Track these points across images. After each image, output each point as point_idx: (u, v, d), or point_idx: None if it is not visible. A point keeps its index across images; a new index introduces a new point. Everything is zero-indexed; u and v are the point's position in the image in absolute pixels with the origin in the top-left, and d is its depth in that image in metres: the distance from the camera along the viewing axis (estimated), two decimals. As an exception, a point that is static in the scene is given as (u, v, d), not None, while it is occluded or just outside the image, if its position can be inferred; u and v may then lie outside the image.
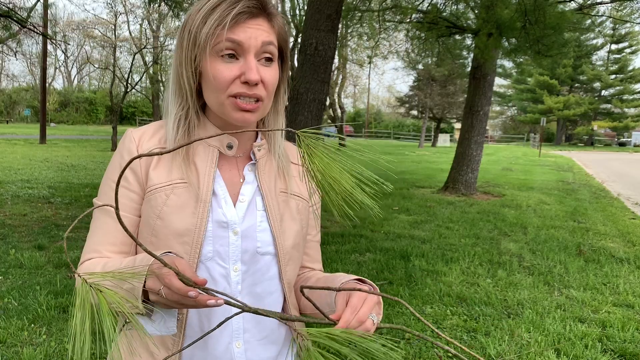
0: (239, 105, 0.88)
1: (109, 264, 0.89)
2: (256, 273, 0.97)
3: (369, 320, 0.82)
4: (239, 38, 0.87)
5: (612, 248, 5.94)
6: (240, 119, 0.90)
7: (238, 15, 0.86)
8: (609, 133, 48.61)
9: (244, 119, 0.90)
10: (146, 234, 0.94)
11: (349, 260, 5.00)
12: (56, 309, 3.50)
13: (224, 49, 0.87)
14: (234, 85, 0.88)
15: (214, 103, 0.92)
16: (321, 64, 4.68)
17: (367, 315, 0.82)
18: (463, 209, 8.32)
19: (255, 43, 0.88)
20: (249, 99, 0.89)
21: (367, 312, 0.82)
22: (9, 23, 8.67)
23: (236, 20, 0.87)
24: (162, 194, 0.92)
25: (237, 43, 0.87)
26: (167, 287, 0.74)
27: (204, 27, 0.87)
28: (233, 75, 0.87)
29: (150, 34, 31.60)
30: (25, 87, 47.56)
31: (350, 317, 0.80)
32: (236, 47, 0.87)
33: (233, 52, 0.87)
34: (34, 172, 10.84)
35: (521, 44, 8.43)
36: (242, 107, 0.89)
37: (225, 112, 0.91)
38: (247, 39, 0.87)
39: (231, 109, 0.89)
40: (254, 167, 1.00)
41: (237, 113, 0.90)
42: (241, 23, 0.87)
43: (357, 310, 0.81)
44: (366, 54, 23.51)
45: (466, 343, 3.28)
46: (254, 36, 0.87)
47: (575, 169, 18.64)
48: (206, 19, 0.87)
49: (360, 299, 0.83)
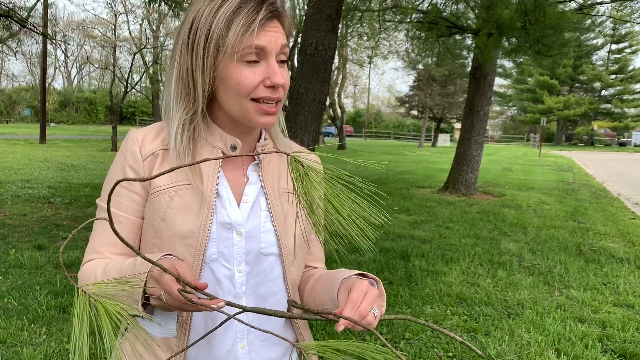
0: (264, 110, 0.89)
1: (110, 265, 0.89)
2: (260, 274, 0.96)
3: (370, 314, 0.82)
4: (262, 43, 0.86)
5: (612, 248, 5.94)
6: (265, 122, 0.91)
7: (265, 21, 0.86)
8: (609, 133, 48.61)
9: (268, 123, 0.91)
10: (150, 236, 0.93)
11: (348, 260, 5.00)
12: (56, 309, 3.50)
13: (247, 54, 0.86)
14: (259, 90, 0.88)
15: (235, 108, 0.90)
16: (321, 64, 4.68)
17: (368, 309, 0.82)
18: (463, 209, 8.32)
19: (275, 47, 0.88)
20: (272, 102, 0.89)
21: (367, 306, 0.82)
22: (9, 23, 8.67)
23: (261, 25, 0.86)
24: (166, 195, 0.92)
25: (261, 48, 0.87)
26: (167, 293, 0.74)
27: (228, 33, 0.85)
28: (258, 80, 0.87)
29: (150, 34, 31.60)
30: (25, 87, 47.57)
31: (351, 313, 0.80)
32: (259, 52, 0.87)
33: (256, 57, 0.87)
34: (34, 172, 10.84)
35: (521, 44, 8.43)
36: (266, 111, 0.89)
37: (247, 116, 0.90)
38: (269, 43, 0.87)
39: (255, 113, 0.89)
40: (257, 167, 0.99)
41: (262, 117, 0.90)
42: (263, 28, 0.87)
43: (357, 305, 0.81)
44: (366, 54, 23.53)
45: (466, 343, 3.28)
46: (274, 39, 0.88)
47: (575, 169, 18.64)
48: (229, 24, 0.85)
49: (360, 293, 0.83)
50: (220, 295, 0.93)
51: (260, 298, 0.98)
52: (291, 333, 1.06)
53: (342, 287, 0.88)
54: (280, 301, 1.01)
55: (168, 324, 0.85)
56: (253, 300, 0.97)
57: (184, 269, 0.76)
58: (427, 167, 17.12)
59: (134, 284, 0.78)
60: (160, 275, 0.75)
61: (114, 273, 0.86)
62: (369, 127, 55.41)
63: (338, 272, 0.97)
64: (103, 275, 0.88)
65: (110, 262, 0.91)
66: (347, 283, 0.88)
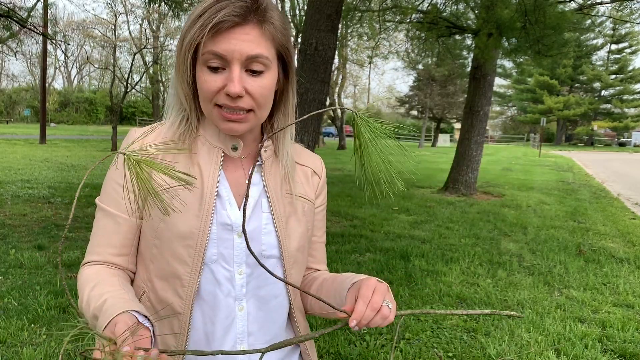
0: (224, 116, 0.87)
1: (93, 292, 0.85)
2: (261, 276, 0.96)
3: (384, 307, 0.81)
4: (220, 51, 0.82)
5: (612, 248, 5.94)
6: (226, 129, 0.89)
7: (219, 23, 0.81)
8: (609, 133, 48.61)
9: (230, 129, 0.88)
10: (150, 236, 0.93)
11: (349, 260, 5.00)
12: (56, 309, 3.50)
13: (209, 59, 0.84)
14: (219, 96, 0.86)
15: (206, 111, 0.90)
16: (321, 64, 4.68)
17: (380, 302, 0.81)
18: (463, 209, 8.32)
19: (238, 56, 0.83)
20: (232, 109, 0.86)
21: (379, 299, 0.81)
22: (9, 23, 8.67)
23: (218, 29, 0.82)
24: (166, 196, 0.91)
25: (220, 56, 0.83)
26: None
27: (187, 35, 0.84)
28: (217, 86, 0.85)
29: (150, 34, 31.61)
30: (25, 87, 47.56)
31: (363, 308, 0.79)
32: (220, 59, 0.84)
33: (218, 63, 0.84)
34: (34, 172, 10.84)
35: (521, 44, 8.43)
36: (226, 118, 0.87)
37: (214, 120, 0.90)
38: (230, 52, 0.82)
39: (218, 119, 0.88)
40: (259, 168, 0.98)
41: (223, 123, 0.88)
42: (224, 33, 0.82)
43: (369, 300, 0.80)
44: (366, 54, 23.51)
45: (466, 343, 3.28)
46: (238, 49, 0.82)
47: (575, 169, 18.63)
48: (193, 25, 0.84)
49: (369, 288, 0.82)
50: (219, 296, 0.93)
51: (262, 300, 0.97)
52: (292, 336, 1.06)
53: (350, 290, 0.87)
54: (281, 303, 1.00)
55: None
56: (254, 302, 0.96)
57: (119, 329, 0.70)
58: (427, 167, 17.12)
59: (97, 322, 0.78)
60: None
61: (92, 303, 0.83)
62: (369, 127, 55.33)
63: (344, 277, 0.96)
64: (87, 300, 0.85)
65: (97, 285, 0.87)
66: (354, 287, 0.87)
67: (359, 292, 0.82)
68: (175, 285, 0.91)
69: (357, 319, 0.78)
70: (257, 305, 0.96)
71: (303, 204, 1.02)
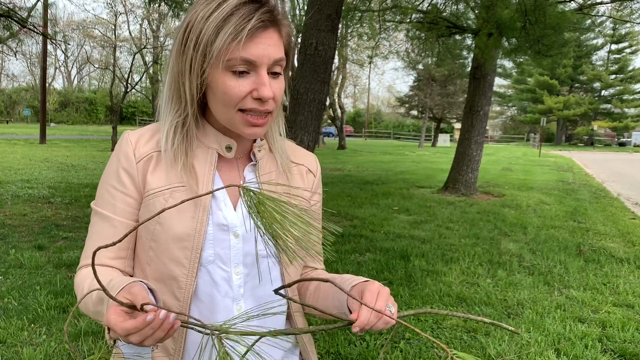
0: (250, 121, 0.88)
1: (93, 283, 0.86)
2: (258, 276, 0.96)
3: (387, 311, 0.82)
4: (252, 57, 0.84)
5: (612, 248, 5.94)
6: (251, 134, 0.90)
7: (254, 30, 0.83)
8: (609, 133, 48.61)
9: (254, 134, 0.90)
10: (146, 239, 0.93)
11: (348, 260, 5.00)
12: (56, 309, 3.50)
13: (236, 65, 0.84)
14: (246, 101, 0.86)
15: (222, 116, 0.90)
16: (321, 64, 4.68)
17: (384, 307, 0.81)
18: (463, 209, 8.32)
19: (267, 61, 0.86)
20: (259, 113, 0.87)
21: (383, 304, 0.82)
22: (9, 23, 8.67)
23: (251, 35, 0.83)
24: (161, 198, 0.91)
25: (250, 62, 0.84)
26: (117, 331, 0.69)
27: (216, 40, 0.83)
28: (245, 91, 0.85)
29: (150, 34, 31.61)
30: (25, 87, 47.55)
31: (368, 314, 0.80)
32: (248, 64, 0.85)
33: (245, 68, 0.85)
34: (34, 172, 10.83)
35: (521, 44, 8.43)
36: (253, 123, 0.88)
37: (235, 125, 0.89)
38: (260, 57, 0.84)
39: (241, 124, 0.88)
40: (254, 168, 0.99)
41: (248, 129, 0.89)
42: (254, 38, 0.84)
43: (373, 305, 0.81)
44: (366, 54, 23.50)
45: (466, 343, 3.28)
46: (267, 54, 0.85)
47: (575, 169, 18.63)
48: (218, 30, 0.83)
49: (373, 294, 0.83)
50: (217, 297, 0.93)
51: (259, 300, 0.97)
52: (292, 336, 1.06)
53: (352, 292, 0.87)
54: (279, 303, 1.01)
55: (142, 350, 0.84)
56: (251, 302, 0.96)
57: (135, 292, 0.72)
58: (427, 167, 17.12)
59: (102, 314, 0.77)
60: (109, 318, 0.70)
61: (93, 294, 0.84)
62: (369, 127, 55.41)
63: (343, 279, 0.96)
64: (89, 288, 0.86)
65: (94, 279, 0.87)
66: (358, 287, 0.87)
67: (362, 299, 0.83)
68: (172, 287, 0.91)
69: (361, 326, 0.79)
70: (254, 305, 0.96)
71: (298, 202, 1.02)
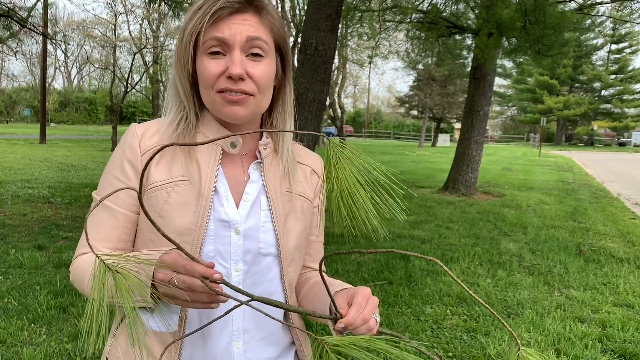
0: (226, 98, 0.88)
1: None
2: (257, 273, 0.96)
3: (372, 319, 0.82)
4: (222, 35, 0.86)
5: (612, 248, 5.94)
6: (229, 113, 0.89)
7: (219, 10, 0.86)
8: (609, 133, 48.59)
9: (233, 113, 0.89)
10: (146, 232, 0.93)
11: (349, 260, 5.00)
12: (56, 309, 3.50)
13: (210, 46, 0.87)
14: (220, 80, 0.87)
15: (207, 101, 0.91)
16: (321, 64, 4.68)
17: (372, 314, 0.82)
18: (463, 209, 8.32)
19: (240, 38, 0.87)
20: (235, 93, 0.88)
21: (371, 311, 0.82)
22: (9, 23, 8.67)
23: (218, 16, 0.86)
24: (163, 191, 0.91)
25: (222, 40, 0.87)
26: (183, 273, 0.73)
27: (187, 26, 0.88)
28: (219, 70, 0.87)
29: (150, 34, 31.62)
30: (25, 87, 47.53)
31: (356, 315, 0.80)
32: (221, 44, 0.87)
33: (219, 48, 0.87)
34: (34, 172, 10.83)
35: (521, 44, 8.43)
36: (228, 99, 0.88)
37: (216, 108, 0.90)
38: (232, 35, 0.86)
39: (220, 104, 0.89)
40: (259, 166, 0.99)
41: (225, 107, 0.89)
42: (224, 19, 0.87)
43: (362, 309, 0.81)
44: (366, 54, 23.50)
45: (466, 343, 3.28)
46: (238, 31, 0.87)
47: (575, 169, 18.63)
48: (192, 17, 0.87)
49: (364, 298, 0.83)
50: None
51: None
52: (288, 334, 1.06)
53: (340, 293, 0.88)
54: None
55: (170, 319, 0.84)
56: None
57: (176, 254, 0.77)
58: (427, 167, 17.12)
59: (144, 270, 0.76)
60: (175, 260, 0.75)
61: None
62: (369, 127, 55.41)
63: (334, 284, 0.96)
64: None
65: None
66: (346, 291, 0.88)
67: (353, 299, 0.83)
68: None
69: (347, 324, 0.79)
70: (252, 302, 0.96)
71: (302, 202, 1.02)
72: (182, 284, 0.73)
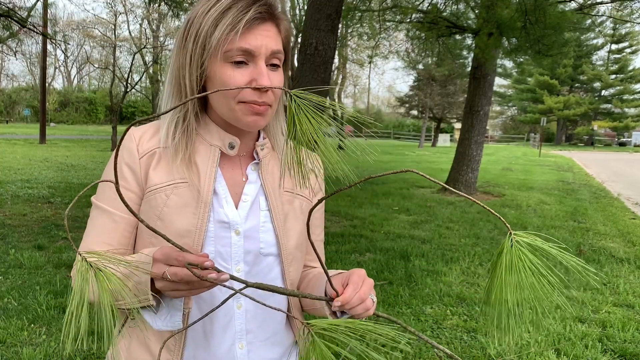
0: (252, 109, 0.88)
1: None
2: (259, 274, 0.96)
3: (369, 299, 0.83)
4: (250, 47, 0.86)
5: (612, 248, 5.94)
6: (251, 123, 0.89)
7: (251, 21, 0.86)
8: (609, 133, 48.58)
9: (255, 123, 0.90)
10: (146, 235, 0.93)
11: (349, 260, 5.00)
12: (56, 309, 3.50)
13: (234, 55, 0.86)
14: (245, 93, 0.87)
15: (223, 109, 0.91)
16: (321, 64, 4.68)
17: (368, 294, 0.83)
18: (463, 209, 8.32)
19: (265, 51, 0.87)
20: (259, 105, 0.88)
21: (367, 291, 0.83)
22: (9, 23, 8.67)
23: (248, 26, 0.86)
24: (163, 194, 0.91)
25: (248, 51, 0.86)
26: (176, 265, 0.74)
27: (215, 31, 0.86)
28: (244, 81, 0.87)
29: (150, 33, 31.60)
30: (25, 87, 47.51)
31: (352, 294, 0.81)
32: (246, 54, 0.87)
33: (243, 58, 0.87)
34: (34, 172, 10.83)
35: (521, 44, 8.43)
36: (254, 110, 0.88)
37: (236, 117, 0.90)
38: (258, 47, 0.87)
39: (242, 113, 0.89)
40: (257, 167, 0.99)
41: (248, 117, 0.89)
42: (252, 29, 0.87)
43: (358, 288, 0.82)
44: (366, 54, 23.51)
45: (466, 343, 3.28)
46: (265, 44, 0.87)
47: (575, 169, 18.63)
48: (217, 23, 0.86)
49: (360, 278, 0.84)
50: (218, 295, 0.93)
51: (259, 298, 0.97)
52: (291, 334, 1.06)
53: (335, 278, 0.89)
54: (278, 301, 1.00)
55: (174, 316, 0.84)
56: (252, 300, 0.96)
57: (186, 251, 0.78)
58: (427, 167, 17.12)
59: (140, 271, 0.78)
60: (166, 253, 0.76)
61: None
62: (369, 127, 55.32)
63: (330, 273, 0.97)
64: None
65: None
66: (342, 274, 0.89)
67: (349, 279, 0.84)
68: None
69: (343, 302, 0.80)
70: (255, 303, 0.96)
71: (301, 201, 1.02)
72: (175, 277, 0.74)
